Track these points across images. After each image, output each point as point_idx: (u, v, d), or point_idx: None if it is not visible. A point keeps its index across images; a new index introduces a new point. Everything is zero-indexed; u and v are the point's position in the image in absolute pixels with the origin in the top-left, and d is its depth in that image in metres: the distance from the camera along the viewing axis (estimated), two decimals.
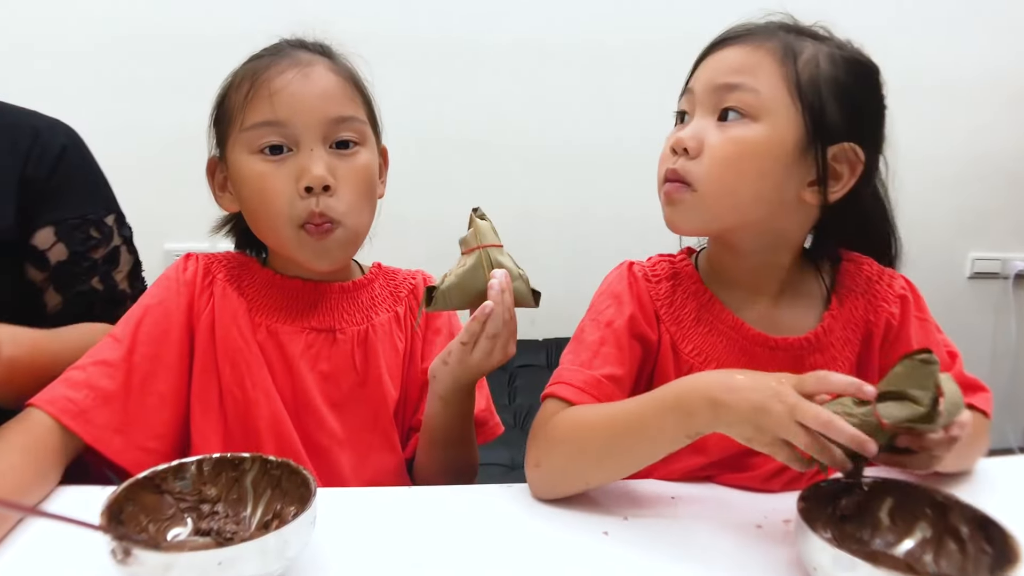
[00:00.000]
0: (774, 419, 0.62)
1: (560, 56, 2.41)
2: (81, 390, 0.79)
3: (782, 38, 0.79)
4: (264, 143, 0.84)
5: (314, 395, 0.90)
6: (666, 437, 0.71)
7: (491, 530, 0.73)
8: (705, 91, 0.80)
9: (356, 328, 0.92)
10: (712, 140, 0.78)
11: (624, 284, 0.87)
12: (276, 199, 0.84)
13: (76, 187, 1.04)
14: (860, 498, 0.67)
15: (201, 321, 0.89)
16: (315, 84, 0.85)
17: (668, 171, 0.80)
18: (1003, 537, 0.59)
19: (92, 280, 1.03)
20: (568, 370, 0.82)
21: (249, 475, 0.68)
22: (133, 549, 0.53)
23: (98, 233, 1.04)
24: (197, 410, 0.88)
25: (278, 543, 0.56)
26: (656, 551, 0.69)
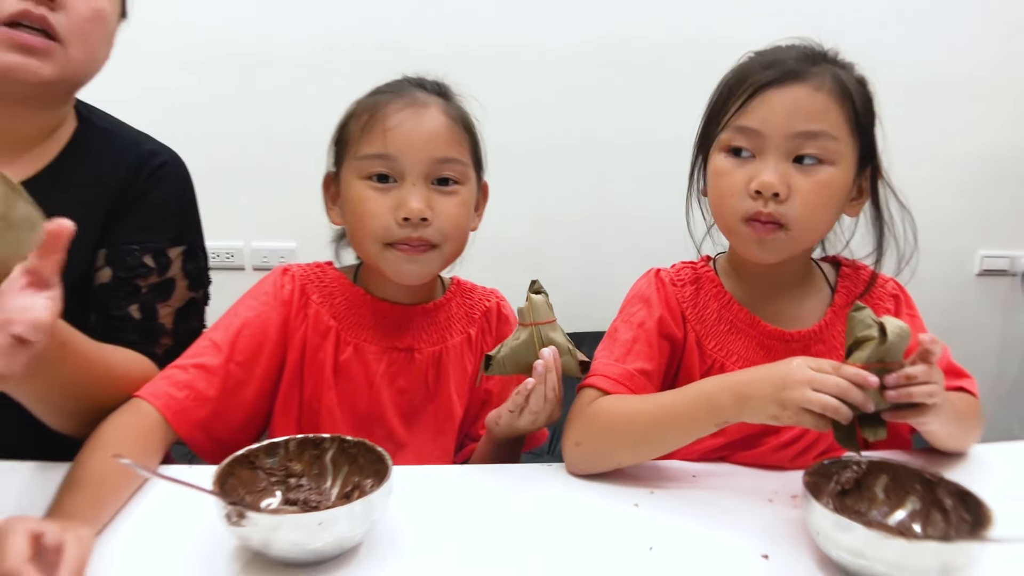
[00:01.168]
0: (797, 392, 0.73)
1: (574, 58, 2.45)
2: (183, 390, 0.89)
3: (832, 73, 0.87)
4: (373, 172, 0.93)
5: (388, 408, 1.00)
6: (696, 427, 0.82)
7: (534, 501, 0.84)
8: (781, 137, 0.85)
9: (432, 349, 1.02)
10: (800, 185, 0.85)
11: (652, 289, 0.97)
12: (373, 222, 0.93)
13: (147, 217, 1.05)
14: (858, 475, 0.77)
15: (294, 340, 0.98)
16: (425, 125, 0.93)
17: (759, 213, 0.86)
18: (979, 507, 0.68)
19: (130, 307, 1.03)
20: (604, 364, 0.92)
21: (329, 453, 0.79)
22: (247, 512, 0.64)
23: (153, 263, 1.04)
24: (279, 415, 0.99)
25: (364, 508, 0.67)
26: (680, 520, 0.79)
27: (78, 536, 0.63)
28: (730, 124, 0.88)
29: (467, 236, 1.01)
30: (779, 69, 0.86)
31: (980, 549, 0.64)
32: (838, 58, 0.91)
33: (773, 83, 0.86)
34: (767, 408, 0.76)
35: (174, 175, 1.07)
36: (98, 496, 0.75)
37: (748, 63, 0.91)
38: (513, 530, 0.77)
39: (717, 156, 0.90)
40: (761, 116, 0.86)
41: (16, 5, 0.83)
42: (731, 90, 0.90)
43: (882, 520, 0.75)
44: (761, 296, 0.97)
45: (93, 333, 0.96)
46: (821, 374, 0.73)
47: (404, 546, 0.73)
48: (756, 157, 0.87)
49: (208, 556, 0.70)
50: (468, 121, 1.00)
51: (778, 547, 0.73)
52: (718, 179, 0.90)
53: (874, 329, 0.75)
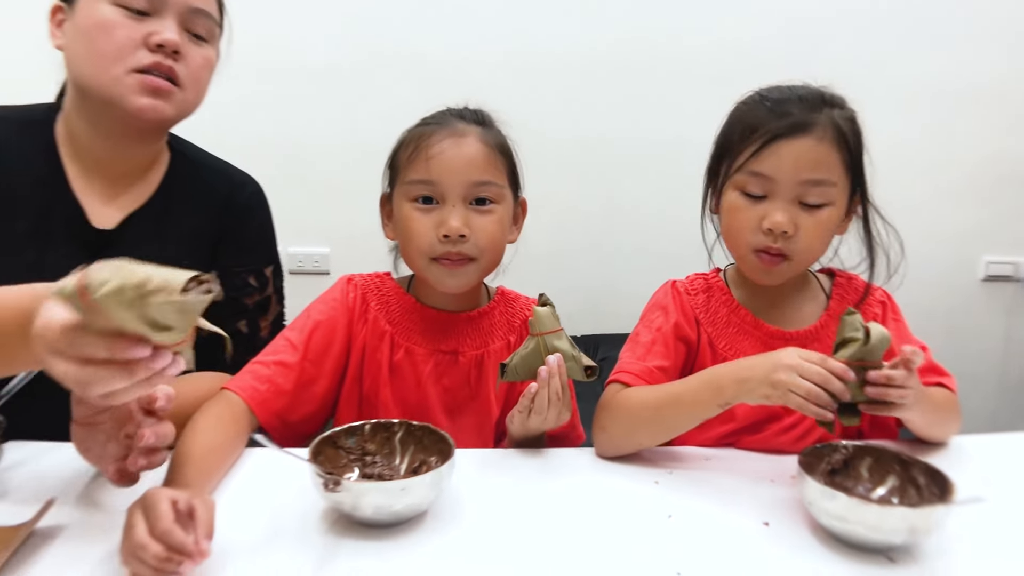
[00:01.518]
0: (785, 376, 0.87)
1: (591, 65, 2.54)
2: (264, 383, 1.04)
3: (832, 121, 1.00)
4: (418, 195, 1.07)
5: (434, 403, 1.13)
6: (701, 408, 0.96)
7: (569, 479, 0.98)
8: (790, 184, 0.99)
9: (475, 352, 1.15)
10: (804, 224, 1.00)
11: (669, 298, 1.12)
12: (419, 239, 1.07)
13: (247, 241, 1.19)
14: (846, 457, 0.91)
15: (356, 341, 1.13)
16: (463, 153, 1.06)
17: (769, 248, 1.01)
18: (945, 482, 0.82)
19: (239, 323, 1.17)
20: (627, 362, 1.07)
21: (397, 435, 0.94)
22: (342, 480, 0.78)
23: (256, 282, 1.19)
24: (343, 407, 1.13)
25: (434, 479, 0.82)
26: (695, 494, 0.93)
27: (204, 501, 0.76)
28: (744, 168, 1.01)
29: (503, 249, 1.13)
30: (788, 121, 0.99)
31: (940, 513, 0.77)
32: (833, 98, 1.05)
33: (783, 135, 0.99)
34: (760, 388, 0.89)
35: (261, 202, 1.22)
36: (204, 470, 0.89)
37: (757, 108, 1.04)
38: (551, 502, 0.91)
39: (732, 193, 1.04)
40: (773, 164, 0.99)
41: (150, 57, 1.00)
42: (743, 134, 1.03)
43: (866, 495, 0.89)
44: (765, 302, 1.11)
45: (204, 345, 1.11)
46: (808, 363, 0.87)
47: (463, 513, 0.87)
48: (767, 198, 1.01)
49: (300, 518, 0.85)
50: (504, 146, 1.12)
51: (777, 516, 0.87)
52: (733, 214, 1.04)
53: (860, 332, 0.89)
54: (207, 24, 1.07)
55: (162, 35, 1.01)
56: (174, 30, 1.02)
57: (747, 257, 1.04)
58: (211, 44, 1.09)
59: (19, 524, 0.78)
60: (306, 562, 0.76)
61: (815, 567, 0.77)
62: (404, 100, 1.29)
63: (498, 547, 0.80)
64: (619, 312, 1.92)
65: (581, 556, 0.79)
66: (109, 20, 1.00)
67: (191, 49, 1.05)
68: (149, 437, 0.77)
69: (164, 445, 0.80)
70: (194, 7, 1.04)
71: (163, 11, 1.02)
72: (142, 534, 0.70)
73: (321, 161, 2.49)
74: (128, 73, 1.01)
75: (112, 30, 1.00)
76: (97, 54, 1.01)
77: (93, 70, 1.02)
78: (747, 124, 1.03)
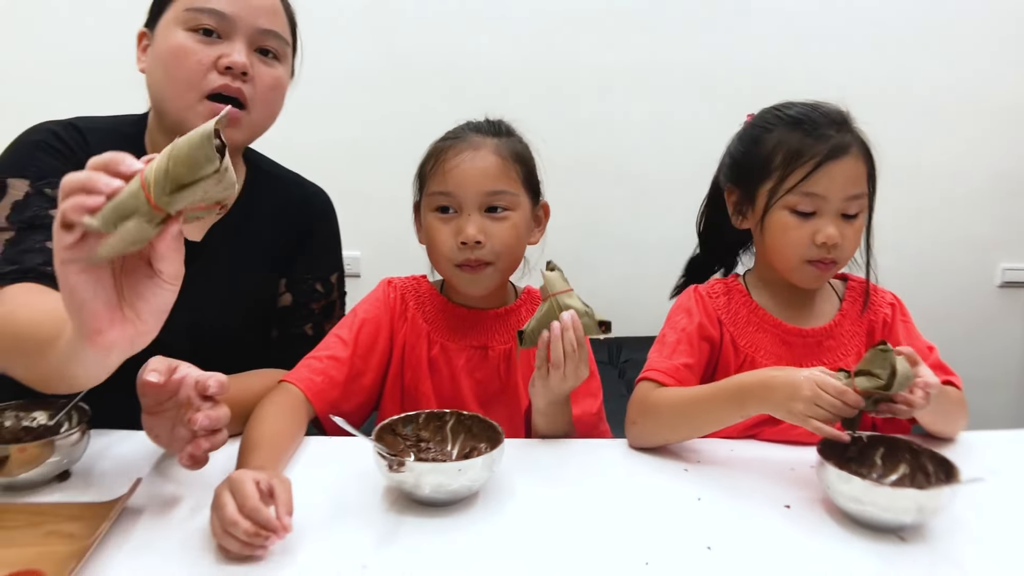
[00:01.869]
0: (802, 406, 0.94)
1: (609, 82, 2.63)
2: (319, 376, 1.14)
3: (857, 140, 1.11)
4: (438, 205, 1.17)
5: (468, 395, 1.22)
6: (724, 416, 1.05)
7: (605, 466, 1.06)
8: (839, 200, 1.09)
9: (503, 347, 1.24)
10: (846, 233, 1.11)
11: (692, 302, 1.21)
12: (441, 246, 1.16)
13: (316, 250, 1.27)
14: (861, 447, 0.99)
15: (398, 338, 1.23)
16: (478, 164, 1.14)
17: (823, 258, 1.11)
18: (952, 468, 0.90)
19: (305, 326, 1.26)
20: (655, 361, 1.15)
21: (449, 423, 1.03)
22: (405, 460, 0.87)
23: (322, 288, 1.27)
24: (387, 399, 1.23)
25: (487, 462, 0.90)
26: (721, 480, 1.02)
27: (282, 480, 0.85)
28: (796, 190, 1.09)
29: (521, 252, 1.21)
30: (831, 144, 1.09)
31: (947, 495, 0.85)
32: (849, 115, 1.14)
33: (831, 157, 1.08)
34: (778, 411, 0.97)
35: (330, 212, 1.31)
36: (273, 454, 0.98)
37: (792, 132, 1.11)
38: (590, 486, 1.00)
39: (781, 212, 1.12)
40: (824, 185, 1.09)
41: (220, 79, 1.07)
42: (788, 158, 1.10)
43: (879, 481, 0.96)
44: (784, 303, 1.20)
45: (274, 345, 1.21)
46: (827, 397, 0.92)
47: (511, 493, 0.96)
48: (815, 215, 1.10)
49: (361, 497, 0.94)
50: (520, 154, 1.19)
51: (797, 500, 0.95)
52: (784, 232, 1.12)
53: (885, 374, 0.93)
54: (277, 44, 1.13)
55: (230, 58, 1.06)
56: (243, 52, 1.08)
57: (799, 268, 1.13)
58: (282, 63, 1.15)
59: (112, 500, 0.87)
60: (369, 537, 0.85)
61: (833, 545, 0.85)
62: (431, 111, 1.38)
63: (543, 524, 0.89)
64: (642, 316, 2.00)
65: (620, 532, 0.88)
66: (182, 46, 1.06)
67: (261, 70, 1.11)
68: (203, 420, 0.86)
69: (220, 427, 0.88)
70: (263, 28, 1.10)
71: (233, 34, 1.08)
72: (233, 512, 0.78)
73: (352, 169, 2.56)
74: (200, 100, 1.07)
75: (185, 56, 1.06)
76: (171, 80, 1.07)
77: (169, 95, 1.09)
78: (790, 149, 1.11)
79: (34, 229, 1.03)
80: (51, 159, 1.09)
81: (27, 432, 0.99)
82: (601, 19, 2.61)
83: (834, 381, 0.93)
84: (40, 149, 1.09)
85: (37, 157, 1.08)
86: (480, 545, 0.84)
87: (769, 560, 0.82)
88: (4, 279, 0.98)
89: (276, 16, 1.13)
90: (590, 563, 0.81)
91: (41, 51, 2.48)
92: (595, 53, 2.62)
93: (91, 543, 0.78)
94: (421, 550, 0.83)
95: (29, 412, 1.01)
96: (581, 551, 0.83)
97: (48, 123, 1.14)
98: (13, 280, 0.98)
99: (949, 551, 0.84)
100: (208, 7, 1.07)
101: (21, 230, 1.03)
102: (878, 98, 2.59)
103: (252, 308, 1.24)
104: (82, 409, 0.99)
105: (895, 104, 2.66)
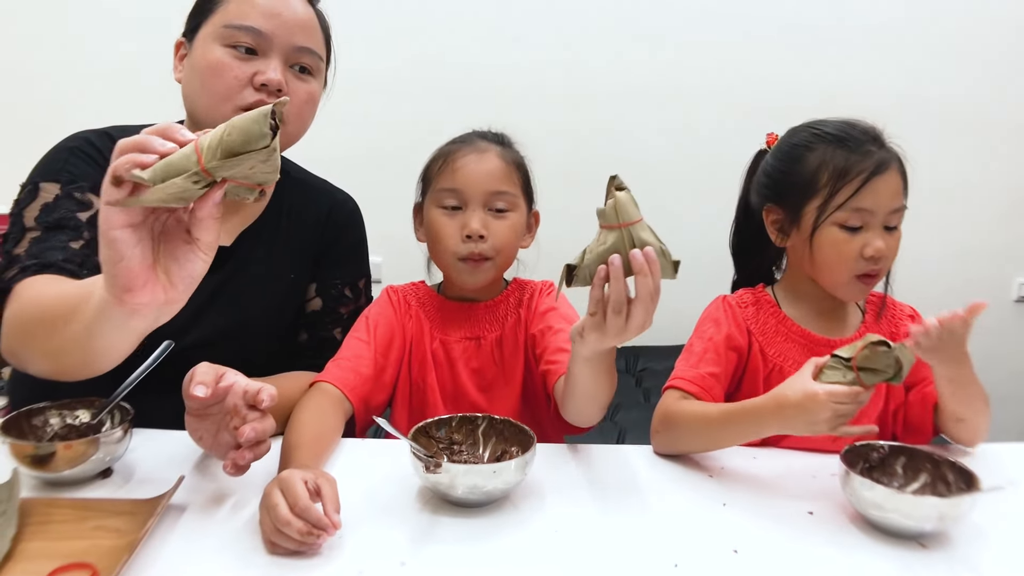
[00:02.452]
0: (825, 428, 0.95)
1: (623, 90, 2.68)
2: (351, 373, 1.18)
3: (895, 154, 1.15)
4: (446, 203, 1.22)
5: (468, 385, 1.28)
6: (742, 437, 1.08)
7: (631, 471, 1.09)
8: (884, 213, 1.12)
9: (494, 335, 1.29)
10: (890, 244, 1.14)
11: (721, 312, 1.24)
12: (446, 240, 1.22)
13: (345, 255, 1.31)
14: (883, 456, 1.01)
15: (407, 335, 1.29)
16: (484, 166, 1.22)
17: (871, 271, 1.13)
18: (971, 477, 0.92)
19: (334, 330, 1.29)
20: (682, 370, 1.18)
21: (481, 427, 1.06)
22: (442, 462, 0.90)
23: (351, 293, 1.31)
24: (399, 393, 1.28)
25: (519, 464, 0.93)
26: (746, 486, 1.04)
27: (328, 479, 0.88)
28: (846, 206, 1.12)
29: (516, 251, 1.29)
30: (874, 160, 1.12)
31: (967, 503, 0.88)
32: (882, 132, 1.18)
33: (877, 173, 1.11)
34: (802, 432, 0.98)
35: (358, 218, 1.35)
36: (316, 453, 1.02)
37: (837, 150, 1.14)
38: (618, 489, 1.03)
39: (830, 228, 1.14)
40: (872, 200, 1.12)
41: (255, 95, 1.10)
42: (835, 175, 1.13)
43: (900, 490, 0.98)
44: (812, 314, 1.23)
45: (304, 348, 1.25)
46: (841, 407, 0.94)
47: (541, 496, 0.99)
48: (863, 229, 1.13)
49: (397, 498, 0.97)
50: (520, 163, 1.28)
51: (820, 506, 0.98)
52: (835, 247, 1.14)
53: (891, 368, 0.95)
54: (312, 60, 1.16)
55: (266, 75, 1.09)
56: (278, 69, 1.11)
57: (849, 284, 1.16)
58: (316, 78, 1.19)
59: (157, 497, 0.91)
60: (406, 536, 0.88)
61: (854, 551, 0.88)
62: (450, 118, 1.41)
63: (573, 526, 0.92)
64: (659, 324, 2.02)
65: (649, 534, 0.90)
66: (220, 61, 1.10)
67: (296, 85, 1.14)
68: (249, 433, 0.89)
69: (265, 438, 0.92)
70: (299, 46, 1.13)
71: (269, 51, 1.11)
72: (285, 512, 0.81)
73: (374, 177, 2.61)
74: (235, 112, 1.07)
75: (222, 71, 1.09)
76: (208, 93, 1.11)
77: (204, 107, 1.12)
78: (836, 166, 1.13)
79: (60, 229, 1.08)
80: (83, 164, 1.13)
81: (71, 430, 1.02)
82: (611, 30, 2.66)
83: (844, 389, 0.94)
84: (73, 155, 1.14)
85: (70, 162, 1.13)
86: (513, 545, 0.87)
87: (793, 564, 0.85)
88: (26, 271, 1.02)
89: (312, 32, 1.17)
90: (621, 564, 0.84)
91: (84, 59, 2.56)
92: (606, 63, 2.68)
93: (140, 537, 0.81)
94: (457, 549, 0.86)
95: (73, 411, 1.05)
96: (611, 552, 0.86)
97: (84, 132, 1.19)
98: (35, 272, 1.02)
99: (968, 558, 0.86)
100: (246, 24, 1.10)
101: (47, 229, 1.07)
102: (895, 111, 2.60)
103: (281, 311, 1.27)
104: (124, 408, 1.03)
105: (912, 117, 2.66)
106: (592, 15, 2.65)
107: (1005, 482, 0.94)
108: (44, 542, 0.84)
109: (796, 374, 1.00)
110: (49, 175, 1.12)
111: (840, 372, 0.97)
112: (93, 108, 1.59)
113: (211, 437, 0.96)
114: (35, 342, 0.95)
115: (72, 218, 1.09)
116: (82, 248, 1.07)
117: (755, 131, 1.31)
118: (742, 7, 2.66)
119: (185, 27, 1.19)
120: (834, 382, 0.96)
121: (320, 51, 1.19)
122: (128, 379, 1.00)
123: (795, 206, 1.18)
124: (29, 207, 1.09)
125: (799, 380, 0.99)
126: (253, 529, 0.87)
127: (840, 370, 0.97)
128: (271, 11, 1.11)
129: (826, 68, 2.68)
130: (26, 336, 0.97)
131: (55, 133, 1.19)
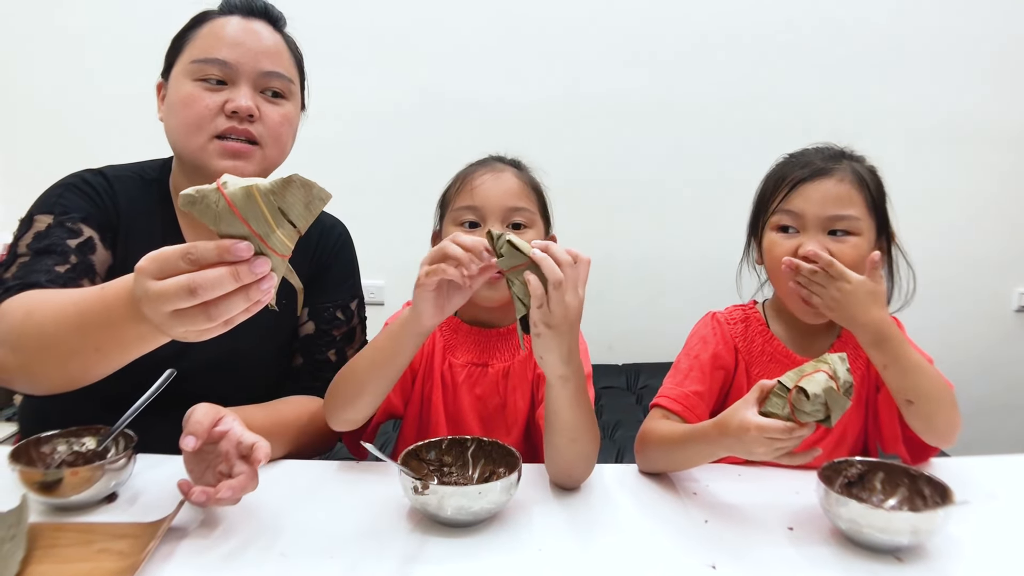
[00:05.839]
0: (759, 453, 0.97)
1: (631, 112, 2.74)
2: None
3: (851, 168, 1.17)
4: (465, 220, 1.24)
5: (467, 411, 1.29)
6: (701, 457, 1.10)
7: (617, 488, 1.12)
8: (818, 218, 1.14)
9: (503, 364, 1.30)
10: (843, 252, 1.13)
11: (709, 329, 1.27)
12: None
13: (335, 279, 1.33)
14: (861, 472, 1.03)
15: (424, 351, 1.29)
16: (500, 185, 1.24)
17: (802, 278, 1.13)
18: (946, 492, 0.94)
19: (329, 352, 1.31)
20: (667, 388, 1.22)
21: (470, 449, 1.09)
22: (430, 484, 0.94)
23: (343, 316, 1.33)
24: (411, 407, 1.30)
25: (505, 485, 0.96)
26: (728, 503, 1.07)
27: None
28: (778, 209, 1.18)
29: None
30: (811, 168, 1.17)
31: (940, 517, 0.90)
32: (852, 154, 1.21)
33: (807, 178, 1.16)
34: (746, 456, 1.00)
35: (347, 242, 1.38)
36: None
37: (786, 164, 1.21)
38: (602, 506, 1.06)
39: (770, 233, 1.20)
40: (802, 202, 1.16)
41: (227, 123, 1.15)
42: (775, 184, 1.20)
43: (878, 505, 1.01)
44: (797, 333, 1.26)
45: (299, 371, 1.27)
46: (775, 442, 0.95)
47: (528, 515, 1.02)
48: (800, 232, 1.16)
49: (388, 518, 1.00)
50: (535, 184, 1.30)
51: (800, 522, 1.01)
52: (771, 250, 1.19)
53: (820, 414, 0.94)
54: (282, 84, 1.21)
55: (236, 102, 1.14)
56: (247, 96, 1.16)
57: (791, 289, 1.17)
58: (289, 100, 1.23)
59: (158, 520, 0.94)
60: (396, 555, 0.91)
61: (832, 565, 0.90)
62: (453, 146, 1.46)
63: (558, 544, 0.95)
64: (660, 342, 2.06)
65: (629, 549, 0.94)
66: (190, 94, 1.16)
67: (268, 108, 1.19)
68: (225, 492, 0.91)
69: (240, 498, 0.94)
70: (266, 71, 1.18)
71: (238, 79, 1.17)
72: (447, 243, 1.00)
73: (376, 199, 2.66)
74: (210, 140, 1.15)
75: (193, 103, 1.15)
76: (183, 125, 1.17)
77: (182, 139, 1.18)
78: (778, 177, 1.21)
79: (48, 254, 1.12)
80: (76, 198, 1.19)
81: (78, 456, 1.06)
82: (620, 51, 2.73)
83: (779, 425, 0.94)
84: (68, 190, 1.20)
85: (64, 196, 1.19)
86: (501, 564, 0.90)
87: None
88: (10, 291, 1.06)
89: (279, 57, 1.22)
90: None
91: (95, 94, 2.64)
92: (614, 83, 2.74)
93: (142, 558, 0.85)
94: (445, 569, 0.89)
95: (80, 438, 1.08)
96: (594, 570, 0.89)
97: (80, 171, 1.25)
98: (17, 292, 1.05)
99: (946, 570, 0.89)
100: (212, 57, 1.16)
101: (36, 254, 1.13)
102: (896, 123, 2.67)
103: (275, 336, 1.31)
104: (128, 435, 1.06)
105: (913, 129, 2.72)
106: (591, 43, 2.71)
107: (984, 495, 0.97)
108: (51, 565, 0.87)
109: (742, 399, 1.02)
110: (44, 208, 1.18)
111: (782, 401, 0.97)
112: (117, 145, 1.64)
113: (198, 473, 0.99)
114: (25, 353, 0.97)
115: (61, 244, 1.13)
116: (67, 272, 1.12)
117: (746, 150, 1.35)
118: (734, 31, 2.73)
119: (162, 68, 1.25)
120: (774, 413, 0.97)
121: (290, 74, 1.23)
122: (132, 408, 1.04)
123: (755, 224, 1.25)
124: (23, 237, 1.15)
125: (740, 408, 1.00)
126: (251, 551, 0.91)
127: (783, 399, 0.97)
128: (235, 41, 1.17)
129: (821, 87, 2.72)
130: (16, 348, 0.98)
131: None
